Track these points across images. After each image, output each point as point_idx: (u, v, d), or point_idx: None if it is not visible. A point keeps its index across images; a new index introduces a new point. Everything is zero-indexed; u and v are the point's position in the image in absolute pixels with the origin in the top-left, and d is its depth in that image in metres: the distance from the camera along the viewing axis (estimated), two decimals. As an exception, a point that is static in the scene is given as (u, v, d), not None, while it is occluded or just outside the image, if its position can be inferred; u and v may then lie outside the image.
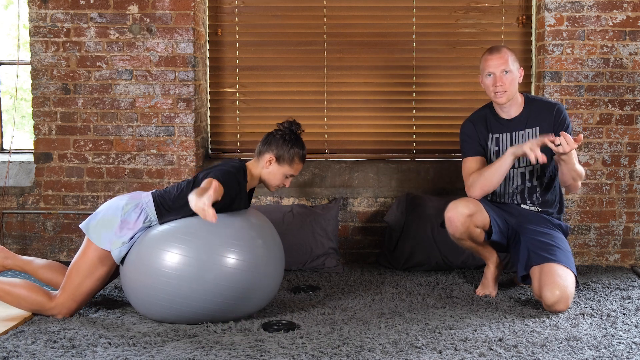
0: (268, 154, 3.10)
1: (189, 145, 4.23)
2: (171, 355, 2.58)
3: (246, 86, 4.44)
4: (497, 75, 3.29)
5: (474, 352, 2.61)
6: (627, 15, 4.04)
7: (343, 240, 4.28)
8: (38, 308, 3.05)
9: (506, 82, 3.29)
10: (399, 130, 4.44)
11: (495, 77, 3.29)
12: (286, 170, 3.12)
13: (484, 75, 3.35)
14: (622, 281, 3.72)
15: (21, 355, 2.61)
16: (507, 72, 3.29)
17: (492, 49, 3.35)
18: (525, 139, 3.37)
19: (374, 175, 4.31)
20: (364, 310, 3.20)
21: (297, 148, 3.11)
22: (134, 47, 4.19)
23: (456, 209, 3.26)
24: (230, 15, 4.41)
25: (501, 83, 3.28)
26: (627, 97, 4.08)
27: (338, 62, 4.41)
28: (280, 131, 3.12)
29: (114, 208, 3.07)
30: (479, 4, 4.34)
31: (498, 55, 3.31)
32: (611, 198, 4.14)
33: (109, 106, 4.23)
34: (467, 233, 3.28)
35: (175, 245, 2.91)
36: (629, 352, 2.62)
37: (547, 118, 3.35)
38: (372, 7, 4.36)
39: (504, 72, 3.29)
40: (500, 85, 3.28)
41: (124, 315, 3.14)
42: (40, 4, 4.18)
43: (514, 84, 3.32)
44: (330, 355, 2.58)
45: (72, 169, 4.28)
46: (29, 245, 4.32)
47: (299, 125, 3.15)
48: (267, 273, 3.01)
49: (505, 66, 3.29)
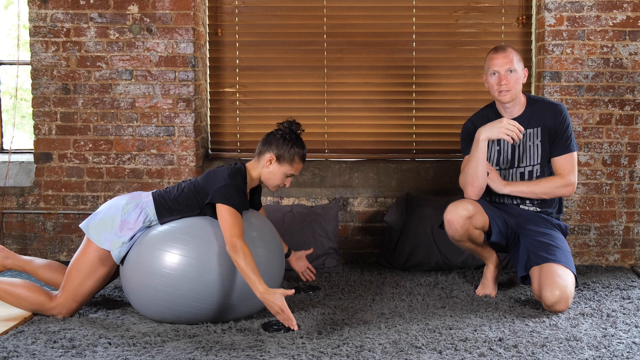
0: (268, 153, 3.10)
1: (189, 145, 4.23)
2: (171, 355, 2.58)
3: (246, 86, 4.44)
4: (502, 74, 3.29)
5: (474, 352, 2.61)
6: (627, 15, 4.04)
7: (343, 240, 4.28)
8: (38, 308, 3.06)
9: (510, 81, 3.29)
10: (399, 130, 4.44)
11: (500, 76, 3.30)
12: (286, 169, 3.12)
13: (488, 74, 3.35)
14: (622, 281, 3.72)
15: (21, 355, 2.61)
16: (512, 71, 3.30)
17: (498, 48, 3.35)
18: (527, 139, 3.37)
19: (374, 175, 4.31)
20: (364, 310, 3.20)
21: (298, 147, 3.11)
22: (134, 47, 4.19)
23: (455, 211, 3.25)
24: (230, 15, 4.41)
25: (506, 82, 3.29)
26: (627, 97, 4.08)
27: (338, 62, 4.41)
28: (281, 131, 3.12)
29: (115, 208, 3.07)
30: (479, 4, 4.34)
31: (503, 54, 3.31)
32: (611, 198, 4.14)
33: (109, 106, 4.23)
34: (466, 235, 3.28)
35: (175, 245, 2.92)
36: (629, 352, 2.62)
37: (549, 119, 3.35)
38: (372, 7, 4.36)
39: (509, 71, 3.29)
40: (504, 84, 3.29)
41: (124, 315, 3.14)
42: (40, 4, 4.18)
43: (518, 84, 3.32)
44: (330, 355, 2.58)
45: (72, 169, 4.28)
46: (29, 245, 4.32)
47: (299, 125, 3.16)
48: (267, 273, 3.01)
49: (510, 65, 3.29)
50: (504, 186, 3.35)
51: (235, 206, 2.93)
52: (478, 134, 3.26)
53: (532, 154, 3.38)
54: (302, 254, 3.56)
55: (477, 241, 3.34)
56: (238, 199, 2.95)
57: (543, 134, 3.36)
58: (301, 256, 3.56)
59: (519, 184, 3.37)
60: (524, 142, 3.39)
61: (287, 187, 3.22)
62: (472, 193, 3.34)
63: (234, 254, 2.83)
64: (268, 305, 2.82)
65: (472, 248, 3.39)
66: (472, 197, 3.34)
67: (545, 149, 3.36)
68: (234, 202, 2.93)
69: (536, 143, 3.37)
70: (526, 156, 3.39)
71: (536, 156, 3.37)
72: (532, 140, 3.38)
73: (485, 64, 3.38)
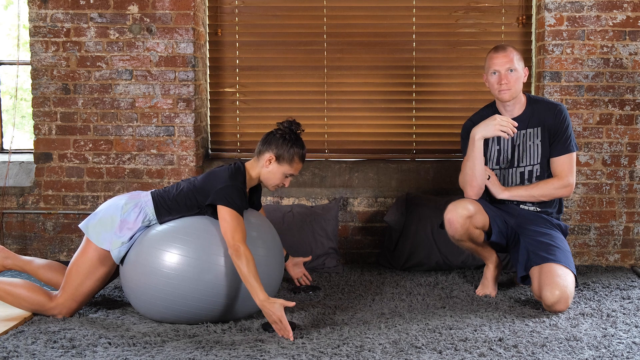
0: (268, 153, 3.10)
1: (189, 145, 4.23)
2: (171, 355, 2.58)
3: (246, 86, 4.44)
4: (502, 74, 3.30)
5: (474, 352, 2.61)
6: (627, 15, 4.04)
7: (343, 240, 4.28)
8: (38, 308, 3.05)
9: (511, 80, 3.30)
10: (399, 130, 4.44)
11: (500, 75, 3.30)
12: (286, 169, 3.12)
13: (488, 73, 3.35)
14: (622, 281, 3.72)
15: (21, 355, 2.61)
16: (512, 70, 3.30)
17: (498, 47, 3.36)
18: (527, 138, 3.37)
19: (374, 175, 4.31)
20: (364, 310, 3.20)
21: (297, 147, 3.11)
22: (134, 47, 4.19)
23: (455, 211, 3.25)
24: (230, 15, 4.41)
25: (506, 81, 3.29)
26: (627, 97, 4.08)
27: (338, 62, 4.41)
28: (280, 130, 3.12)
29: (114, 208, 3.07)
30: (479, 4, 4.34)
31: (504, 53, 3.32)
32: (611, 198, 4.14)
33: (109, 106, 4.23)
34: (466, 234, 3.28)
35: (174, 245, 2.91)
36: (629, 352, 2.62)
37: (549, 119, 3.35)
38: (372, 7, 4.36)
39: (509, 70, 3.30)
40: (505, 84, 3.29)
41: (124, 315, 3.14)
42: (40, 4, 4.18)
43: (518, 83, 3.33)
44: (330, 355, 2.58)
45: (72, 169, 4.28)
46: (29, 245, 4.32)
47: (299, 125, 3.15)
48: (267, 273, 3.01)
49: (510, 65, 3.30)
50: (502, 191, 3.36)
51: (236, 208, 2.93)
52: (473, 134, 3.27)
53: (532, 154, 3.38)
54: (300, 260, 3.57)
55: (477, 241, 3.34)
56: (239, 201, 2.95)
57: (543, 134, 3.36)
58: (298, 262, 3.56)
59: (517, 188, 3.37)
60: (524, 142, 3.39)
61: (286, 187, 3.22)
62: (471, 193, 3.34)
63: (237, 259, 2.82)
64: (266, 314, 2.80)
65: (472, 248, 3.39)
66: (471, 197, 3.34)
67: (545, 148, 3.37)
68: (235, 204, 2.93)
69: (536, 143, 3.38)
70: (526, 156, 3.39)
71: (536, 156, 3.38)
72: (532, 139, 3.38)
73: (485, 64, 3.38)
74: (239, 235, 2.86)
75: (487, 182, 3.34)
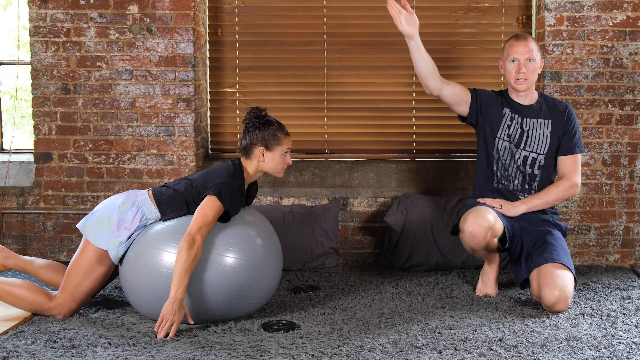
0: (255, 148, 3.10)
1: (189, 145, 4.23)
2: (171, 355, 2.58)
3: (246, 86, 4.44)
4: (521, 63, 3.32)
5: (474, 352, 2.61)
6: (627, 15, 4.04)
7: (343, 240, 4.28)
8: (38, 308, 3.05)
9: (529, 70, 3.32)
10: (399, 130, 4.44)
11: (520, 64, 3.32)
12: (279, 150, 3.12)
13: (507, 61, 3.36)
14: (622, 281, 3.72)
15: (21, 355, 2.61)
16: (531, 60, 3.33)
17: (519, 35, 3.38)
18: (537, 127, 3.38)
19: (374, 175, 4.31)
20: (364, 310, 3.20)
21: (273, 126, 3.10)
22: (134, 47, 4.19)
23: (477, 223, 3.18)
24: (230, 15, 4.41)
25: (524, 70, 3.31)
26: (627, 97, 4.08)
27: (338, 62, 4.41)
28: (250, 123, 3.12)
29: (111, 207, 3.07)
30: (479, 4, 4.34)
31: (524, 42, 3.33)
32: (611, 198, 4.14)
33: (109, 106, 4.23)
34: (486, 244, 3.26)
35: (174, 245, 2.91)
36: (629, 352, 2.62)
37: (559, 116, 3.40)
38: (372, 7, 4.36)
39: (528, 60, 3.32)
40: (523, 73, 3.32)
41: (124, 315, 3.14)
42: (40, 4, 4.18)
43: (534, 74, 3.36)
44: (330, 355, 2.58)
45: (72, 169, 4.28)
46: (29, 245, 4.32)
47: (260, 108, 3.16)
48: (266, 272, 3.01)
49: (530, 55, 3.32)
50: (519, 206, 3.35)
51: (224, 205, 2.92)
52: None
53: (539, 142, 3.38)
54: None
55: (491, 249, 3.33)
56: (230, 200, 2.95)
57: (553, 128, 3.38)
58: None
59: (531, 199, 3.37)
60: (533, 129, 3.39)
61: (290, 163, 3.20)
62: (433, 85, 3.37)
63: (187, 249, 2.80)
64: (166, 311, 2.78)
65: (484, 254, 3.38)
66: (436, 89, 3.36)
67: (553, 142, 3.38)
68: (224, 202, 2.92)
69: (546, 133, 3.39)
70: (533, 142, 3.39)
71: (543, 146, 3.38)
72: (542, 129, 3.39)
73: (504, 50, 3.39)
74: (204, 230, 2.86)
75: (500, 211, 3.32)
